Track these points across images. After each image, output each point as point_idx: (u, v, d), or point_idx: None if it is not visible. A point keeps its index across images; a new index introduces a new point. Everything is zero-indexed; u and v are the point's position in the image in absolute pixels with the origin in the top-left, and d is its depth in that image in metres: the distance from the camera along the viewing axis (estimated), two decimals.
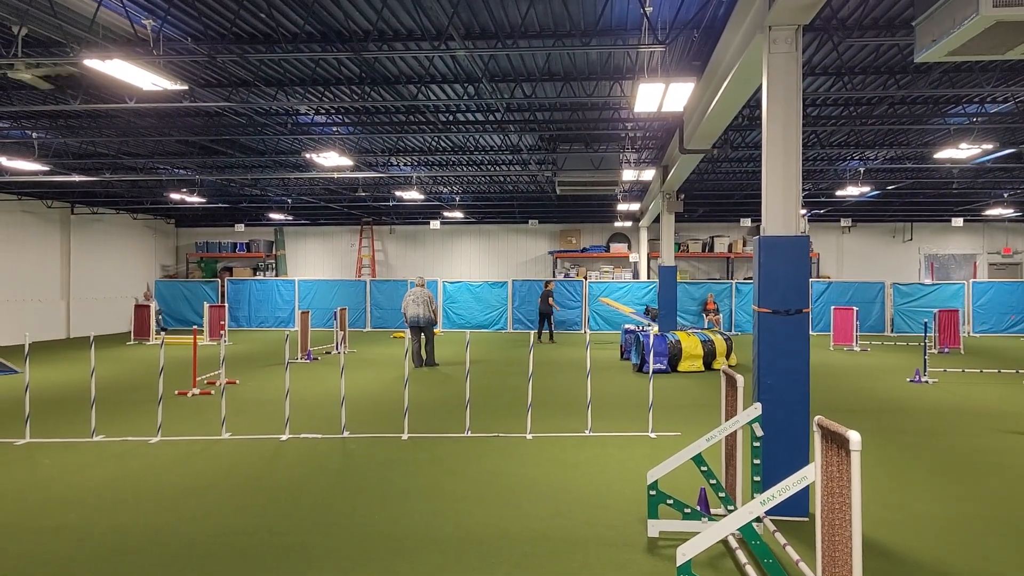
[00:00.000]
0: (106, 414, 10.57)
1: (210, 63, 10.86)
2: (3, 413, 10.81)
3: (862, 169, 19.49)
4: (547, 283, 23.20)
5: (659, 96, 9.22)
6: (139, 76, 8.95)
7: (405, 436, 9.18)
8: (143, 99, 11.44)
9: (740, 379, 5.89)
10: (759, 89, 9.53)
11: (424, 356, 16.15)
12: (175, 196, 23.21)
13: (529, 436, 9.18)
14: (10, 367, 15.34)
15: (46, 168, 17.16)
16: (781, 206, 6.28)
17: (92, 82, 11.41)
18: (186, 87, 9.93)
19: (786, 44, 6.36)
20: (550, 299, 22.39)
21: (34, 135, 15.21)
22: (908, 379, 14.15)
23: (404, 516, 6.16)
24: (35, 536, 5.72)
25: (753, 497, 5.55)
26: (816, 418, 4.04)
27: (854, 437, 3.58)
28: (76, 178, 18.42)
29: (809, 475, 4.05)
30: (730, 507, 5.82)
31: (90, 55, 8.35)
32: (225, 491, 6.91)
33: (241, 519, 6.11)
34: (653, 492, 5.66)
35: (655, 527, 5.68)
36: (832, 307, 21.42)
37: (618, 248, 30.08)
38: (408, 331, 15.65)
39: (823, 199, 24.24)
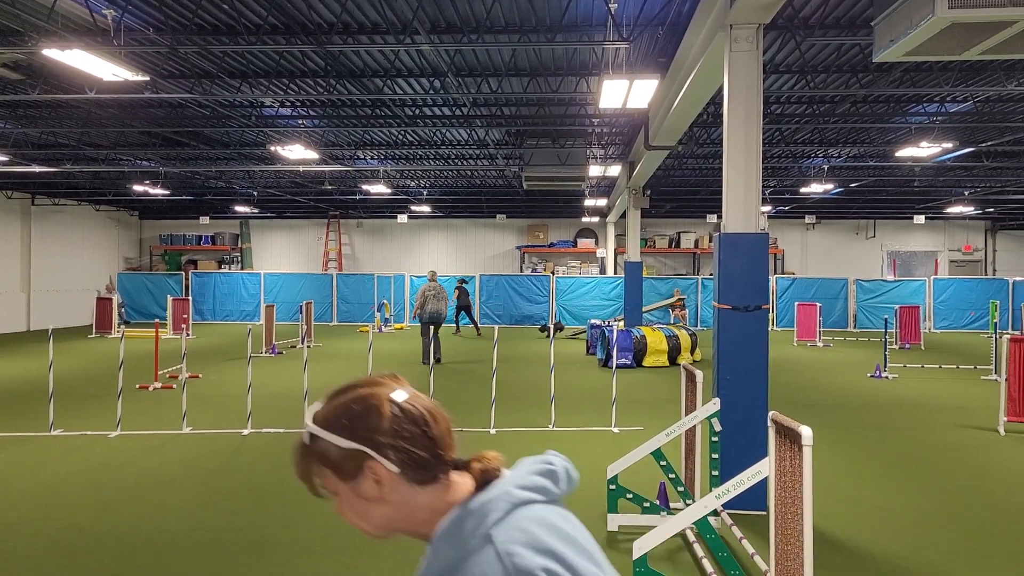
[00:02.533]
0: (65, 408, 10.41)
1: (172, 54, 10.71)
2: None
3: (826, 167, 19.76)
4: (460, 280, 23.32)
5: (624, 92, 9.27)
6: (99, 66, 8.80)
7: None
8: (104, 90, 11.26)
9: (699, 374, 5.97)
10: (723, 86, 9.64)
11: (433, 353, 15.25)
12: (138, 188, 22.85)
13: (492, 431, 9.20)
14: None
15: (5, 158, 16.83)
16: (741, 203, 6.36)
17: (52, 72, 11.20)
18: (148, 78, 9.80)
19: (747, 43, 6.44)
20: (465, 295, 22.59)
21: None
22: (869, 374, 14.40)
23: None
24: None
25: (711, 491, 5.63)
26: (770, 413, 4.11)
27: (806, 432, 3.65)
28: (36, 168, 18.06)
29: (763, 469, 4.12)
30: (689, 501, 5.90)
31: (49, 45, 8.20)
32: (186, 486, 6.85)
33: (202, 514, 6.07)
34: (613, 487, 5.71)
35: (614, 521, 5.74)
36: (796, 303, 21.72)
37: (585, 243, 30.20)
38: (421, 327, 15.09)
39: (788, 196, 24.54)
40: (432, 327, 15.21)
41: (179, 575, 4.88)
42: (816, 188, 21.22)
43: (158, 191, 23.39)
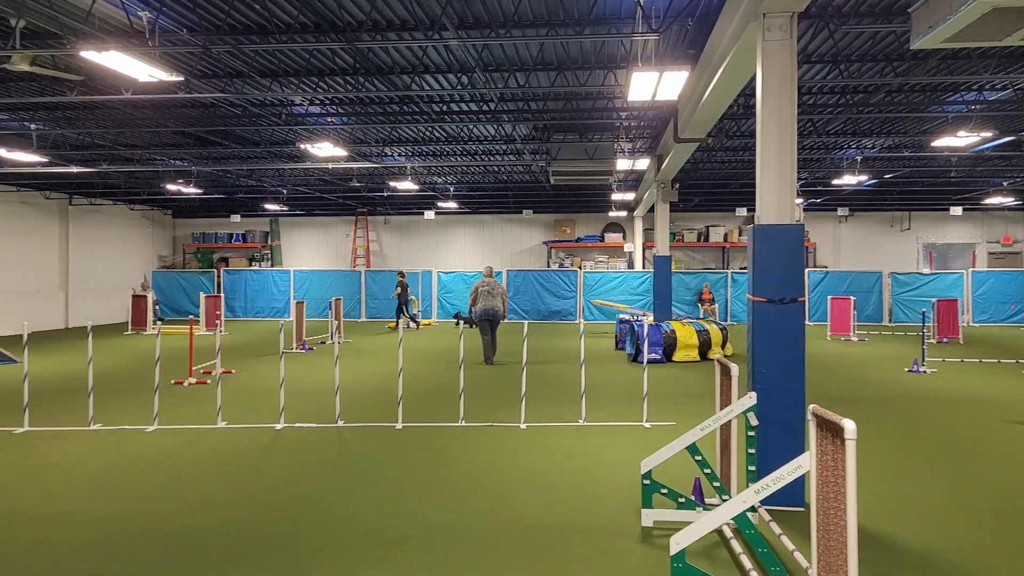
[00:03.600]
0: (103, 403, 10.57)
1: (205, 54, 10.82)
2: (2, 402, 10.83)
3: (859, 158, 19.50)
4: (400, 274, 23.51)
5: (653, 85, 9.21)
6: (135, 67, 8.92)
7: (399, 425, 9.20)
8: (139, 90, 11.41)
9: (735, 368, 5.91)
10: (754, 77, 9.54)
11: (491, 352, 14.92)
12: (172, 187, 23.15)
13: (523, 426, 9.20)
14: (9, 357, 15.30)
15: (44, 159, 17.11)
16: (775, 195, 6.29)
17: (89, 73, 11.36)
18: (181, 78, 9.89)
19: (781, 31, 6.35)
20: (406, 289, 22.85)
21: (32, 126, 15.16)
22: (906, 369, 14.19)
23: (398, 505, 6.18)
24: (34, 524, 5.73)
25: (748, 486, 5.58)
26: (811, 407, 4.05)
27: (849, 425, 3.60)
28: (74, 169, 18.36)
29: (804, 464, 4.07)
30: (725, 496, 5.85)
31: (87, 47, 8.32)
32: (221, 479, 6.93)
33: (237, 507, 6.13)
34: (647, 481, 5.69)
35: (649, 516, 5.70)
36: (829, 297, 21.46)
37: (613, 238, 30.08)
38: (469, 325, 14.57)
39: (820, 188, 24.26)
40: (489, 325, 14.81)
41: (215, 566, 4.94)
42: (849, 180, 20.94)
43: (191, 190, 23.68)
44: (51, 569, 4.92)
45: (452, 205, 28.54)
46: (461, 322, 15.04)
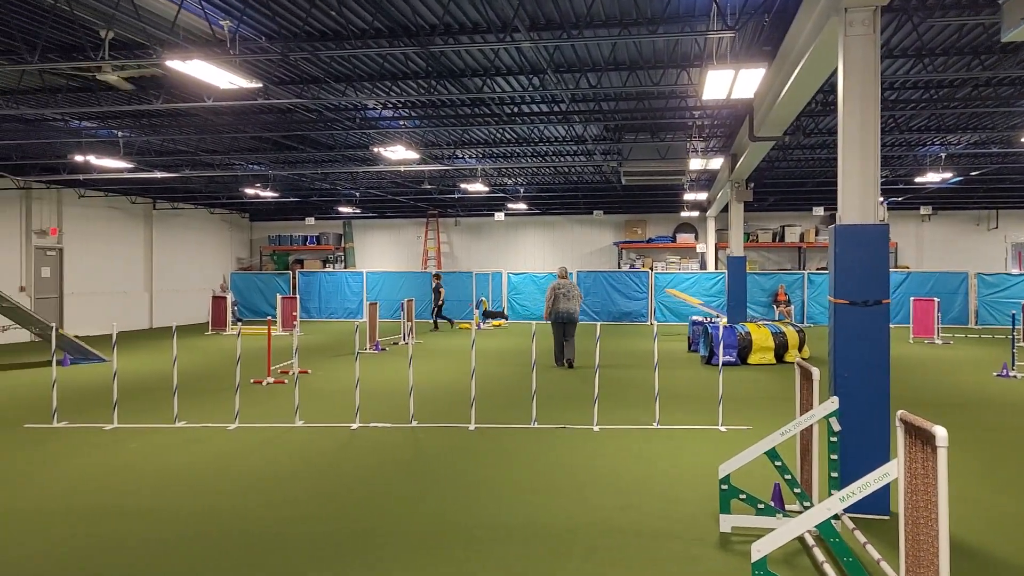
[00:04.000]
0: (187, 401, 10.93)
1: (283, 61, 11.08)
2: (93, 399, 11.28)
3: (943, 154, 18.80)
4: (435, 276, 23.63)
5: (728, 83, 9.05)
6: (217, 75, 9.21)
7: (472, 426, 9.25)
8: (220, 97, 11.76)
9: (816, 372, 5.76)
10: (834, 73, 9.28)
11: (566, 354, 14.65)
12: (249, 191, 23.83)
13: (596, 428, 9.15)
14: (98, 355, 15.99)
15: (131, 165, 17.80)
16: (858, 194, 6.10)
17: (173, 82, 11.77)
18: (260, 85, 10.17)
19: (863, 26, 6.16)
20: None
21: (119, 134, 15.78)
22: (995, 373, 13.62)
23: (472, 506, 6.22)
24: (124, 518, 5.95)
25: (830, 493, 5.44)
26: (899, 413, 3.92)
27: (940, 432, 3.47)
28: (158, 174, 19.06)
29: (891, 472, 3.93)
30: (806, 503, 5.70)
31: (172, 56, 8.62)
32: (299, 478, 7.08)
33: (315, 505, 6.26)
34: (725, 487, 5.58)
35: (727, 522, 5.60)
36: (911, 298, 20.73)
37: (685, 238, 29.70)
38: (552, 327, 14.51)
39: (901, 186, 23.48)
40: (564, 327, 14.58)
41: (294, 564, 5.04)
42: (933, 177, 20.20)
43: (267, 194, 24.33)
44: (141, 564, 5.11)
45: (522, 206, 28.61)
46: (489, 320, 15.02)
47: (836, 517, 5.43)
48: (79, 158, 16.78)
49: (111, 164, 16.98)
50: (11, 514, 6.10)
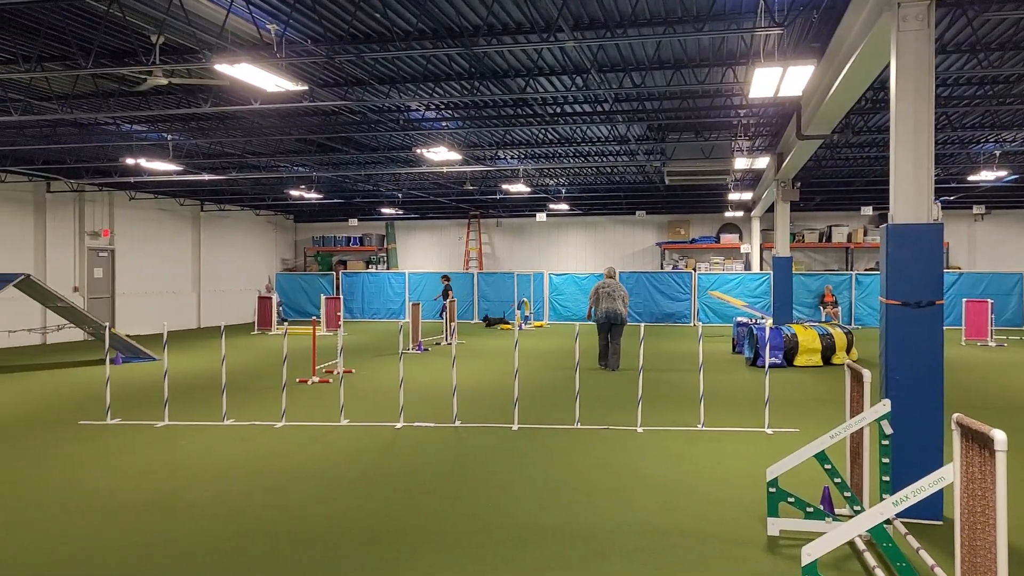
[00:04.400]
0: (235, 399, 11.10)
1: (328, 63, 11.21)
2: (144, 397, 11.52)
3: (998, 152, 18.31)
4: (444, 277, 23.17)
5: (776, 81, 8.92)
6: (264, 78, 9.34)
7: (515, 426, 9.25)
8: (267, 100, 11.93)
9: (867, 374, 5.65)
10: (885, 69, 9.12)
11: (608, 357, 14.37)
12: (294, 192, 24.15)
13: (640, 429, 9.09)
14: (149, 354, 16.34)
15: (180, 168, 18.16)
16: (912, 192, 5.97)
17: (221, 85, 11.97)
18: (306, 87, 10.29)
19: (917, 21, 6.03)
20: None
21: (169, 137, 16.10)
22: None
23: (514, 506, 6.21)
24: (175, 514, 6.07)
25: (882, 498, 5.33)
26: (955, 416, 3.83)
27: (999, 436, 3.37)
28: (206, 177, 19.42)
29: (947, 476, 3.84)
30: (856, 507, 5.60)
31: (220, 60, 8.77)
32: (345, 476, 7.15)
33: (362, 503, 6.31)
34: (773, 489, 5.50)
35: (775, 525, 5.52)
36: (964, 300, 20.24)
37: (729, 239, 29.36)
38: (597, 328, 14.32)
39: (953, 185, 22.94)
40: (610, 328, 14.31)
41: (340, 561, 5.09)
42: (987, 175, 19.68)
43: (312, 195, 24.63)
44: (189, 559, 5.20)
45: (564, 207, 28.55)
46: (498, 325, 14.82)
47: (888, 522, 5.32)
48: (130, 161, 17.16)
49: (161, 167, 17.34)
50: (66, 509, 6.25)
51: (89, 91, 12.53)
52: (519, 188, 22.57)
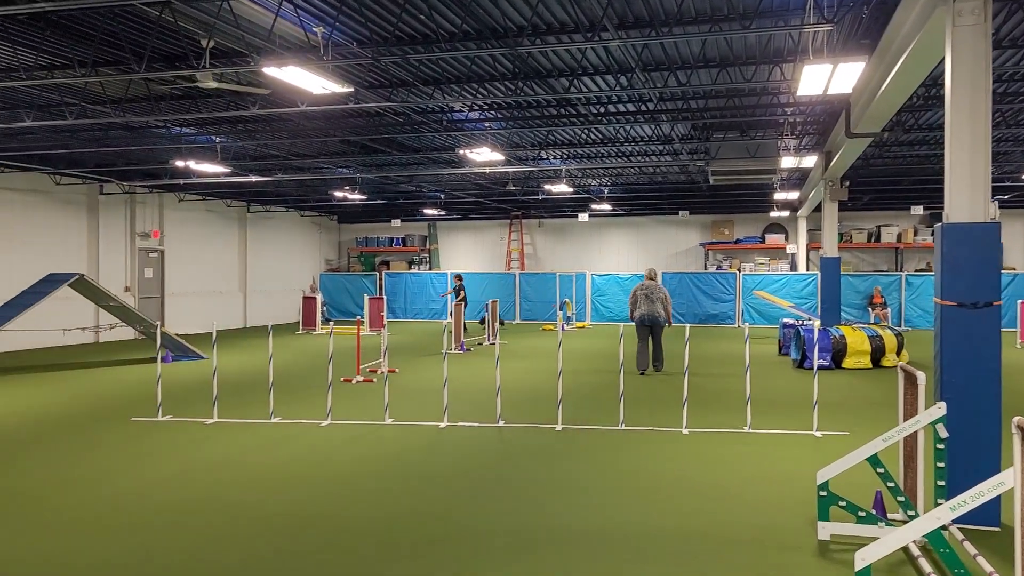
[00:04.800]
0: (281, 397, 11.25)
1: (373, 65, 11.30)
2: (193, 395, 11.74)
3: None
4: (456, 277, 22.67)
5: (825, 78, 8.78)
6: (310, 81, 9.45)
7: (559, 427, 9.24)
8: (312, 102, 12.07)
9: (921, 376, 5.52)
10: (939, 65, 8.91)
11: (650, 359, 14.05)
12: (338, 194, 24.41)
13: (685, 431, 9.01)
14: (197, 353, 16.65)
15: (227, 170, 18.47)
16: (968, 191, 5.82)
17: (268, 88, 12.14)
18: (351, 89, 10.39)
19: (973, 16, 5.88)
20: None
21: (217, 140, 16.38)
22: None
23: (559, 507, 6.20)
24: (226, 510, 6.17)
25: (937, 503, 5.21)
26: (1015, 419, 3.72)
27: None
28: (252, 178, 19.73)
29: (1007, 480, 3.73)
30: (910, 512, 5.48)
31: (268, 63, 8.89)
32: (390, 474, 7.20)
33: (404, 502, 6.35)
34: (824, 493, 5.41)
35: (826, 529, 5.42)
36: (1019, 301, 19.70)
37: (774, 239, 28.96)
38: (636, 330, 13.99)
39: (1008, 183, 22.33)
40: (650, 330, 13.96)
41: (386, 559, 5.12)
42: None
43: (355, 196, 24.88)
44: (236, 554, 5.28)
45: (606, 207, 28.43)
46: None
47: (944, 527, 5.20)
48: (180, 163, 17.50)
49: (209, 169, 17.65)
50: (120, 504, 6.39)
51: (141, 95, 12.80)
52: (561, 188, 22.53)
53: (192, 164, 17.07)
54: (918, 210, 25.73)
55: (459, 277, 22.83)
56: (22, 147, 16.22)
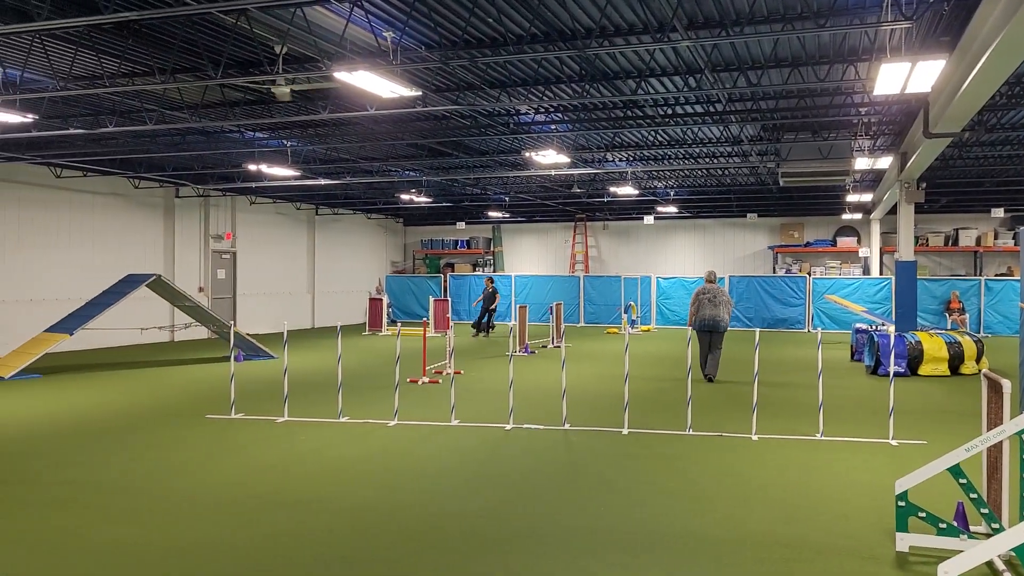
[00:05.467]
0: (349, 397, 11.44)
1: (441, 69, 11.42)
2: (264, 393, 12.03)
3: None
4: (488, 280, 22.90)
5: (903, 77, 8.53)
6: (380, 85, 9.60)
7: (625, 431, 9.17)
8: (381, 106, 12.25)
9: (1007, 384, 5.31)
10: None
11: (707, 368, 13.50)
12: (404, 197, 24.71)
13: (755, 437, 8.85)
14: (268, 352, 17.05)
15: (297, 173, 18.88)
16: None
17: (338, 92, 12.38)
18: (419, 93, 10.51)
19: None
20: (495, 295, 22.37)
21: (288, 143, 16.76)
22: None
23: (629, 511, 6.15)
24: (290, 507, 6.30)
25: (1022, 516, 5.00)
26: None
27: None
28: (322, 182, 20.13)
29: None
30: (994, 525, 5.27)
31: (339, 68, 9.06)
32: (457, 475, 7.25)
33: (472, 502, 6.38)
34: (902, 503, 5.25)
35: (904, 541, 5.26)
36: None
37: (846, 242, 28.24)
38: (696, 335, 13.48)
39: None
40: (710, 336, 13.44)
41: (456, 557, 5.15)
42: None
43: (421, 199, 25.14)
44: (307, 550, 5.38)
45: (672, 209, 28.14)
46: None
47: None
48: (252, 167, 17.95)
49: (280, 172, 18.07)
50: (196, 498, 6.59)
51: (216, 100, 13.18)
52: (627, 191, 22.39)
53: (264, 167, 17.51)
54: (999, 212, 24.79)
55: (490, 279, 22.97)
56: (105, 152, 16.86)
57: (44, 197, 18.59)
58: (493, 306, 23.29)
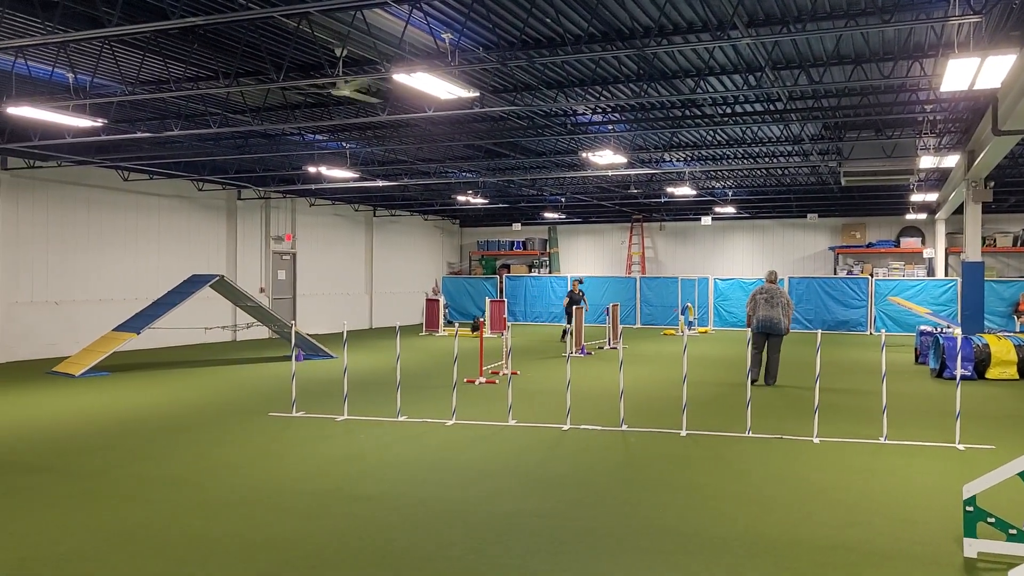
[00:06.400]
0: (407, 396, 11.58)
1: (499, 70, 11.50)
2: (325, 392, 12.26)
3: None
4: (576, 281, 21.95)
5: (972, 73, 8.32)
6: (437, 86, 9.72)
7: (683, 432, 9.11)
8: (439, 108, 12.38)
9: None
10: None
11: (763, 371, 13.13)
12: (460, 198, 24.90)
13: (816, 440, 8.70)
14: (327, 352, 17.36)
15: (356, 175, 19.19)
16: None
17: (396, 94, 12.55)
18: (477, 94, 10.60)
19: None
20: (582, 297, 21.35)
21: (346, 146, 17.05)
22: None
23: (689, 513, 6.11)
24: (354, 502, 6.42)
25: None
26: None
27: None
28: (380, 183, 20.41)
29: None
30: None
31: (398, 70, 9.20)
32: (515, 474, 7.29)
33: (532, 501, 6.41)
34: (971, 508, 5.12)
35: (972, 547, 5.13)
36: None
37: (910, 243, 27.52)
38: (751, 336, 12.84)
39: None
40: (766, 338, 13.06)
41: (516, 555, 5.19)
42: None
43: (477, 200, 25.30)
44: (374, 545, 5.47)
45: (730, 210, 27.79)
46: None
47: None
48: (312, 169, 18.29)
49: (339, 174, 18.38)
50: (261, 493, 6.76)
51: (277, 103, 13.48)
52: (684, 191, 22.19)
53: (323, 169, 17.84)
54: None
55: (579, 280, 22.82)
56: (170, 155, 17.37)
57: (112, 199, 19.23)
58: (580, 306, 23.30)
